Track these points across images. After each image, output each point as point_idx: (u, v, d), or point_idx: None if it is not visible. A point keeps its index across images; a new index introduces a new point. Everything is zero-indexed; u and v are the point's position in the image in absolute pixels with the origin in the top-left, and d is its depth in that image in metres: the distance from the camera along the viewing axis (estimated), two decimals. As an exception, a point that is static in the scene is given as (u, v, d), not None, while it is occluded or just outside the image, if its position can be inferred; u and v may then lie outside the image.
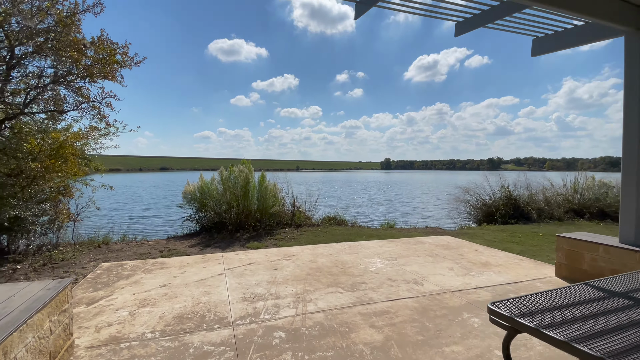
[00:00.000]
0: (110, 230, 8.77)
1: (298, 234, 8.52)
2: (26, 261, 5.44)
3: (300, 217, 9.88)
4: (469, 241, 7.50)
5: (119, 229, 9.81)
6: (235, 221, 8.69)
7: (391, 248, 6.66)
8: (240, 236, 8.13)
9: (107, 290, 4.37)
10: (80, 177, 7.22)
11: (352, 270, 5.15)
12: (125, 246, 7.05)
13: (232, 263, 5.59)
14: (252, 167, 9.48)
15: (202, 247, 7.00)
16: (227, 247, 7.00)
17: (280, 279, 4.77)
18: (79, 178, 8.71)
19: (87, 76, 6.57)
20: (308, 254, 6.14)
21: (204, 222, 8.92)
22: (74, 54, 6.08)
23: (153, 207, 17.10)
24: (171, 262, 5.66)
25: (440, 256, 6.08)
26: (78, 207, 7.36)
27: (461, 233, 9.09)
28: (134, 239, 8.12)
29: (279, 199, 9.48)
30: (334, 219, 10.68)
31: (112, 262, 5.70)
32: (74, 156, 7.25)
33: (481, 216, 11.87)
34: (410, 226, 10.95)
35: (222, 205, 8.64)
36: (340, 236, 8.25)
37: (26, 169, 5.77)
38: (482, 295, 4.24)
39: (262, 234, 8.39)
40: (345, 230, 9.13)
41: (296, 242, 7.58)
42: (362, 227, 10.36)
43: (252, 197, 8.77)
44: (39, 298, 2.50)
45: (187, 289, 4.39)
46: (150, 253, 6.50)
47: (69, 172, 6.89)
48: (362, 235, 8.47)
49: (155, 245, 7.17)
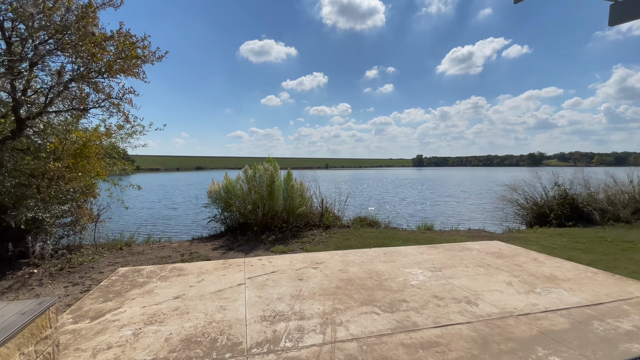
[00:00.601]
0: (136, 230, 8.63)
1: (327, 237, 7.89)
2: (44, 265, 5.24)
3: (329, 217, 9.25)
4: (523, 248, 6.49)
5: (146, 229, 9.71)
6: (261, 222, 8.21)
7: (433, 256, 5.84)
8: (266, 238, 7.63)
9: (117, 301, 3.97)
10: (102, 177, 7.02)
11: (389, 284, 4.43)
12: (147, 249, 6.76)
13: (254, 271, 5.05)
14: (282, 165, 8.99)
15: (225, 251, 6.56)
16: (251, 251, 6.51)
17: (306, 292, 4.15)
18: (107, 177, 8.66)
19: (105, 71, 6.30)
20: (338, 262, 5.48)
21: (229, 223, 8.54)
22: (90, 47, 5.81)
23: (182, 206, 17.20)
24: (190, 268, 5.23)
25: (492, 267, 5.19)
26: (107, 207, 7.17)
27: (511, 237, 8.02)
28: (158, 240, 7.87)
29: (307, 198, 8.90)
30: (366, 220, 9.94)
31: (130, 267, 5.36)
32: (98, 155, 7.09)
33: (532, 217, 10.61)
34: (450, 228, 9.96)
35: (247, 206, 8.19)
36: (373, 240, 7.51)
37: (46, 169, 5.59)
38: (557, 322, 3.37)
39: (288, 236, 7.85)
40: (378, 233, 8.36)
41: (325, 246, 6.95)
42: (396, 229, 9.54)
43: (278, 196, 8.25)
44: (7, 327, 2.03)
45: (201, 302, 3.89)
46: (171, 257, 6.14)
47: (91, 172, 6.71)
48: (397, 239, 7.68)
49: (177, 248, 6.83)
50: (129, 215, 12.86)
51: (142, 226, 10.84)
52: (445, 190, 27.91)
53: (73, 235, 6.40)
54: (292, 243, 7.21)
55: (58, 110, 6.52)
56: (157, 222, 12.03)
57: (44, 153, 6.34)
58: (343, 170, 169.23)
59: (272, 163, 8.33)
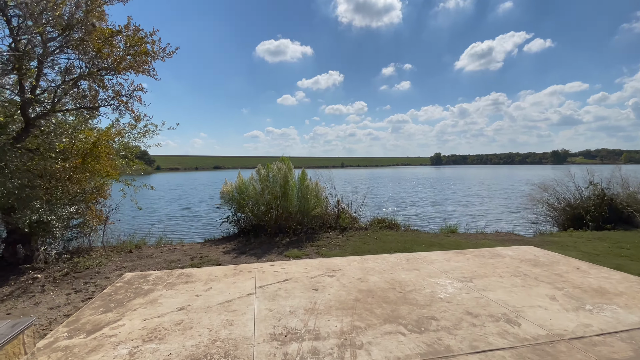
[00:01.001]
0: (149, 231, 8.45)
1: (343, 240, 7.46)
2: (49, 269, 5.04)
3: (346, 219, 8.81)
4: (562, 254, 5.87)
5: (158, 230, 9.55)
6: (274, 224, 7.87)
7: (462, 263, 5.31)
8: (279, 241, 7.28)
9: (118, 312, 3.68)
10: (113, 178, 6.83)
11: (414, 296, 3.96)
12: (157, 252, 6.53)
13: (266, 278, 4.68)
14: (298, 164, 8.64)
15: (236, 255, 6.23)
16: (263, 255, 6.16)
17: (322, 305, 3.74)
18: (121, 177, 8.53)
19: (112, 68, 6.08)
20: (356, 269, 5.04)
21: (242, 224, 8.23)
22: (96, 43, 5.58)
23: (197, 206, 17.12)
24: (198, 275, 4.92)
25: (530, 277, 4.63)
26: (115, 208, 6.99)
27: (545, 242, 7.37)
28: (170, 242, 7.65)
29: (322, 199, 8.49)
30: (384, 222, 9.44)
31: (137, 273, 5.10)
32: (108, 155, 6.91)
33: (565, 219, 9.84)
34: (476, 231, 9.34)
35: (260, 207, 7.86)
36: (394, 244, 7.02)
37: (51, 170, 5.40)
38: (619, 349, 2.84)
39: (302, 239, 7.46)
40: (398, 236, 7.87)
41: (341, 250, 6.53)
42: (418, 232, 9.00)
43: (292, 197, 7.88)
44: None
45: (206, 315, 3.55)
46: (180, 261, 5.86)
47: (101, 172, 6.52)
48: (419, 242, 7.16)
49: (188, 251, 6.56)
50: (143, 215, 12.84)
51: (155, 226, 10.73)
52: (466, 190, 26.81)
53: (82, 237, 6.22)
54: (306, 247, 6.82)
55: (67, 109, 6.35)
56: (171, 223, 11.92)
57: (52, 153, 6.19)
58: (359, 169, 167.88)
59: (285, 162, 7.96)
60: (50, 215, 5.05)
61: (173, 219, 13.11)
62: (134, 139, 9.28)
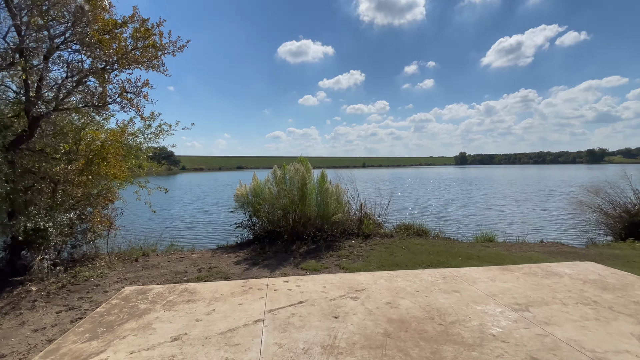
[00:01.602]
0: (160, 236, 8.05)
1: (367, 249, 6.72)
2: (46, 281, 4.63)
3: (369, 225, 8.05)
4: (633, 274, 4.87)
5: (171, 234, 9.17)
6: (291, 230, 7.24)
7: (510, 284, 4.46)
8: (296, 250, 6.64)
9: (104, 340, 3.14)
10: (120, 180, 6.42)
11: (458, 331, 3.19)
12: (164, 260, 6.05)
13: (278, 299, 4.04)
14: (319, 165, 7.98)
15: (248, 266, 5.64)
16: (278, 267, 5.53)
17: (343, 340, 3.04)
18: (135, 180, 8.20)
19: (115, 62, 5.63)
20: (383, 288, 4.31)
21: (257, 230, 7.66)
22: (96, 34, 5.14)
23: (213, 208, 16.79)
24: (202, 291, 4.34)
25: (602, 305, 3.73)
26: (120, 213, 6.59)
27: (604, 255, 6.32)
28: (180, 249, 7.19)
29: (343, 202, 7.78)
30: (412, 228, 8.61)
31: (137, 287, 4.60)
32: (117, 156, 6.52)
33: (621, 228, 8.63)
34: (516, 240, 8.34)
35: (276, 211, 7.25)
36: (425, 255, 6.22)
37: (52, 173, 5.01)
38: None
39: (322, 247, 6.78)
40: (429, 246, 7.03)
41: (365, 262, 5.80)
42: (450, 240, 8.12)
43: (311, 201, 7.21)
44: None
45: (203, 350, 2.93)
46: (187, 272, 5.33)
47: (108, 175, 6.11)
48: (454, 254, 6.32)
49: (196, 261, 6.04)
50: (158, 217, 12.61)
51: (169, 230, 10.44)
52: (497, 191, 25.06)
53: (86, 244, 5.83)
54: (326, 257, 6.14)
55: (72, 107, 5.99)
56: (185, 226, 11.58)
57: (58, 154, 5.85)
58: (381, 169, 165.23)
59: (304, 163, 7.31)
60: (47, 222, 4.64)
61: (188, 221, 12.78)
62: (148, 140, 8.98)
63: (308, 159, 7.93)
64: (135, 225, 11.38)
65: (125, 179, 6.43)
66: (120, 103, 6.13)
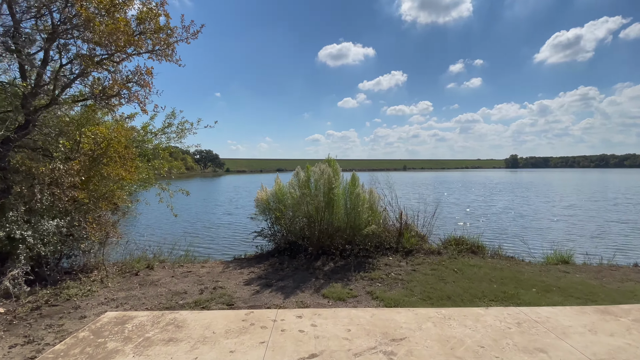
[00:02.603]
0: (175, 243, 7.39)
1: (408, 270, 5.44)
2: (23, 299, 3.97)
3: (411, 238, 6.72)
4: None
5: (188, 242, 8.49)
6: (317, 243, 6.16)
7: (620, 339, 2.99)
8: (320, 267, 5.54)
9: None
10: (129, 181, 5.76)
11: None
12: (166, 275, 5.25)
13: (283, 347, 2.96)
14: (357, 167, 6.90)
15: (259, 288, 4.64)
16: (295, 291, 4.47)
17: None
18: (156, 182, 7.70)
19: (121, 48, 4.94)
20: (432, 339, 3.05)
21: (279, 240, 6.68)
22: (84, 11, 4.45)
23: (240, 211, 16.11)
24: (192, 325, 3.39)
25: None
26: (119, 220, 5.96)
27: None
28: (193, 259, 6.41)
29: (379, 211, 6.55)
30: (464, 243, 7.12)
31: (120, 312, 3.78)
32: (128, 154, 5.88)
33: None
34: (600, 262, 6.53)
35: (298, 219, 6.22)
36: (485, 283, 4.81)
37: (38, 172, 4.40)
38: None
39: (351, 265, 5.62)
40: (489, 269, 5.57)
41: (405, 289, 4.54)
42: (514, 260, 6.55)
43: (338, 209, 6.08)
44: None
45: None
46: (187, 293, 4.45)
47: (110, 176, 5.46)
48: (525, 282, 4.83)
49: (204, 277, 5.17)
50: (183, 221, 12.17)
51: (188, 236, 9.88)
52: (561, 199, 21.77)
53: (83, 254, 5.20)
54: (355, 279, 4.96)
55: (72, 101, 5.43)
56: (207, 232, 10.97)
57: (57, 153, 5.30)
58: (423, 172, 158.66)
59: (331, 165, 6.20)
60: (26, 231, 3.99)
61: (212, 226, 12.19)
62: (170, 139, 8.45)
63: (346, 162, 6.87)
64: (155, 229, 11.03)
65: (132, 180, 5.75)
66: (124, 96, 5.47)
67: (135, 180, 6.13)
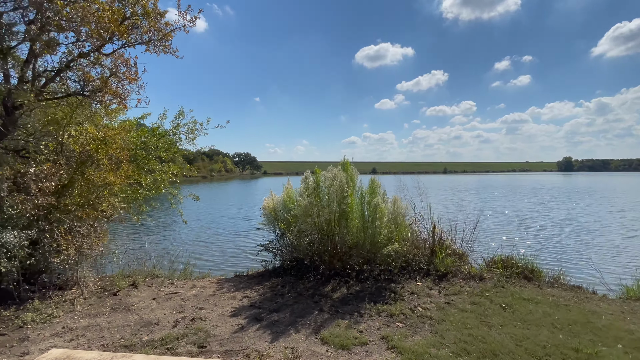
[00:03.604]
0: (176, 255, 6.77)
1: (440, 303, 4.27)
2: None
3: (446, 259, 5.49)
4: None
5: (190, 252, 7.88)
6: (329, 261, 5.16)
7: None
8: (329, 293, 4.54)
9: None
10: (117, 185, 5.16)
11: None
12: (149, 296, 4.54)
13: None
14: (395, 170, 5.88)
15: (246, 322, 3.74)
16: (288, 329, 3.52)
17: None
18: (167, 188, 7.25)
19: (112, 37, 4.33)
20: None
21: (286, 256, 5.77)
22: None
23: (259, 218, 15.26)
24: (137, 381, 2.56)
25: None
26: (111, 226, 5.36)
27: None
28: (190, 274, 5.69)
29: (405, 224, 5.40)
30: (514, 265, 5.76)
31: (64, 352, 3.02)
32: (122, 157, 5.31)
33: None
34: None
35: (306, 234, 5.26)
36: (546, 329, 3.53)
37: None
38: None
39: (366, 291, 4.56)
40: (548, 306, 4.23)
41: (434, 334, 3.41)
42: (582, 291, 5.10)
43: (353, 222, 5.04)
44: None
45: None
46: (160, 324, 3.67)
47: (96, 181, 4.87)
48: (602, 331, 3.49)
49: (188, 301, 4.38)
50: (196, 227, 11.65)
51: (196, 243, 9.32)
52: (634, 207, 18.43)
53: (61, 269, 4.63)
54: (369, 315, 3.90)
55: (54, 97, 4.93)
56: (217, 241, 10.32)
57: (40, 155, 4.82)
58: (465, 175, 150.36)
59: (346, 168, 5.18)
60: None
61: (224, 233, 11.53)
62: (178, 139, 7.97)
63: (382, 164, 6.02)
64: (168, 235, 10.63)
65: (119, 186, 5.14)
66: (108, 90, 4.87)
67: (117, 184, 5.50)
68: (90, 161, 5.05)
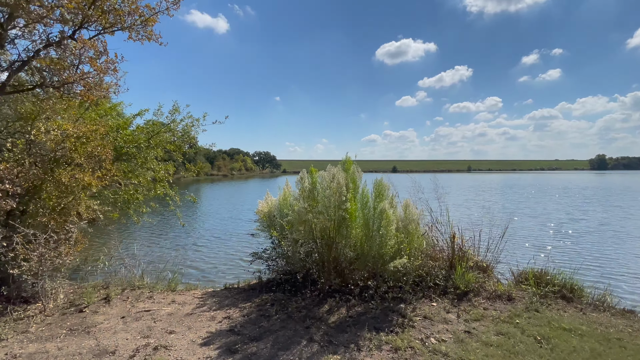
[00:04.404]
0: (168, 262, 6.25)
1: (458, 332, 3.48)
2: None
3: (467, 273, 4.65)
4: None
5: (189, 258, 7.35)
6: (327, 276, 4.45)
7: None
8: (325, 316, 3.84)
9: None
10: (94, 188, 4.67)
11: None
12: (119, 313, 3.99)
13: None
14: (416, 168, 5.14)
15: (216, 355, 3.09)
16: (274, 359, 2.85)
17: None
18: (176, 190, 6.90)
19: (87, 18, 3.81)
20: None
21: (281, 267, 5.10)
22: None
23: None
24: None
25: None
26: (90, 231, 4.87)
27: None
28: (175, 285, 5.13)
29: (418, 233, 4.61)
30: (550, 282, 4.84)
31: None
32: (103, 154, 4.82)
33: None
34: None
35: (302, 243, 4.57)
36: None
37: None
38: None
39: (370, 314, 3.83)
40: (596, 340, 3.34)
41: (449, 383, 2.64)
42: (635, 316, 4.14)
43: (355, 231, 4.30)
44: None
45: None
46: (116, 353, 3.09)
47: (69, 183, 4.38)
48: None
49: (160, 321, 3.80)
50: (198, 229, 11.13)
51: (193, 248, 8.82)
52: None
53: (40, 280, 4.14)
54: (368, 348, 3.16)
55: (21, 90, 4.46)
56: (215, 244, 9.77)
57: (7, 154, 4.38)
58: (490, 174, 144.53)
59: (347, 168, 4.44)
60: None
61: (223, 236, 10.91)
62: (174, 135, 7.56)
63: (404, 162, 5.37)
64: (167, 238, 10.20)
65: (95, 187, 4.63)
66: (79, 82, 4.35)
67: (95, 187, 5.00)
68: (64, 160, 4.59)
